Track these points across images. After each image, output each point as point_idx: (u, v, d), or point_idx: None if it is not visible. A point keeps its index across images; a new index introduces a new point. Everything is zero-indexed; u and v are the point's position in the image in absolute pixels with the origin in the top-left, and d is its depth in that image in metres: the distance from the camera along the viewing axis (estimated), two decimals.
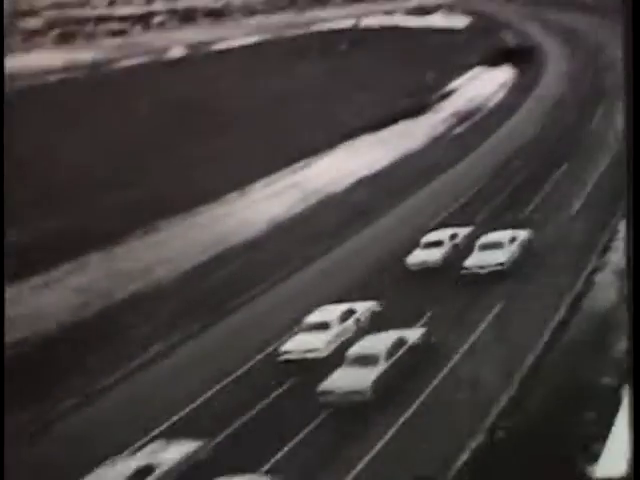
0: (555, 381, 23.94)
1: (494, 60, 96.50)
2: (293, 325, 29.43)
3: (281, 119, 62.64)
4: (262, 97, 71.92)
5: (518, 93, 75.86)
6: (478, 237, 34.12)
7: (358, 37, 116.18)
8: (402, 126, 62.14)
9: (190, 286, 36.14)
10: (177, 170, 51.03)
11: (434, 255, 33.73)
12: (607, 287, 30.54)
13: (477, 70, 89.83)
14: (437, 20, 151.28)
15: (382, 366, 23.84)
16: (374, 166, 51.38)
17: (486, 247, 32.47)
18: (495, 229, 35.29)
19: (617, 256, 33.53)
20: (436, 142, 58.32)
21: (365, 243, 39.55)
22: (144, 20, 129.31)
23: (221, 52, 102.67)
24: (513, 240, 33.10)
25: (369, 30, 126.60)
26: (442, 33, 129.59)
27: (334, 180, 48.50)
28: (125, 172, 51.72)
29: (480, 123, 64.03)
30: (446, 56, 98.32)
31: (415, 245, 35.18)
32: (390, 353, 24.31)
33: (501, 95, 76.39)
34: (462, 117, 66.20)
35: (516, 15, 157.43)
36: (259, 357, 28.50)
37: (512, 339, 26.61)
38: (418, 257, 34.02)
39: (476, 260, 32.07)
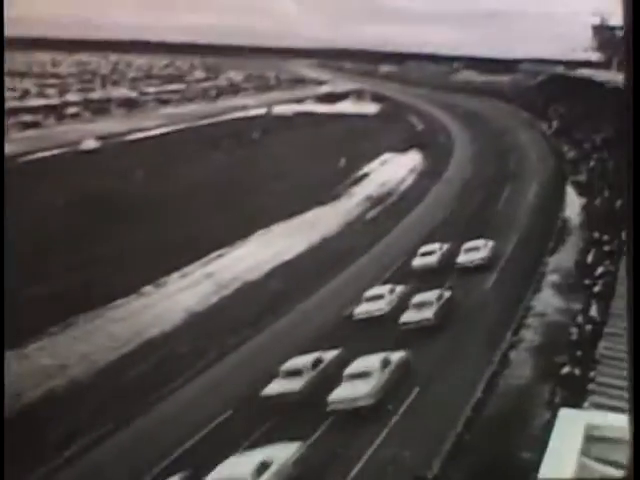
0: (475, 458, 24.24)
1: (404, 144, 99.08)
2: (213, 417, 29.29)
3: (195, 209, 62.79)
4: (176, 187, 72.06)
5: (428, 176, 77.86)
6: None
7: (270, 125, 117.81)
8: (316, 212, 62.98)
9: (109, 381, 35.56)
10: (92, 263, 50.54)
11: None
12: (522, 364, 31.23)
13: (388, 155, 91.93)
14: (347, 107, 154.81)
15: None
16: (289, 253, 51.86)
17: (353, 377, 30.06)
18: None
19: (530, 333, 34.39)
20: (350, 227, 59.17)
21: (284, 331, 39.66)
22: (57, 112, 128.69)
23: (135, 142, 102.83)
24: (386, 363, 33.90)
25: (281, 117, 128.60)
26: (353, 119, 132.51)
27: (250, 269, 48.68)
28: (40, 267, 50.92)
29: (392, 207, 65.31)
30: (357, 142, 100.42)
31: (336, 329, 36.06)
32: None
33: (412, 179, 78.22)
34: (375, 202, 67.46)
35: (424, 100, 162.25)
36: (180, 450, 28.22)
37: (430, 419, 26.99)
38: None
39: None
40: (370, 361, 30.41)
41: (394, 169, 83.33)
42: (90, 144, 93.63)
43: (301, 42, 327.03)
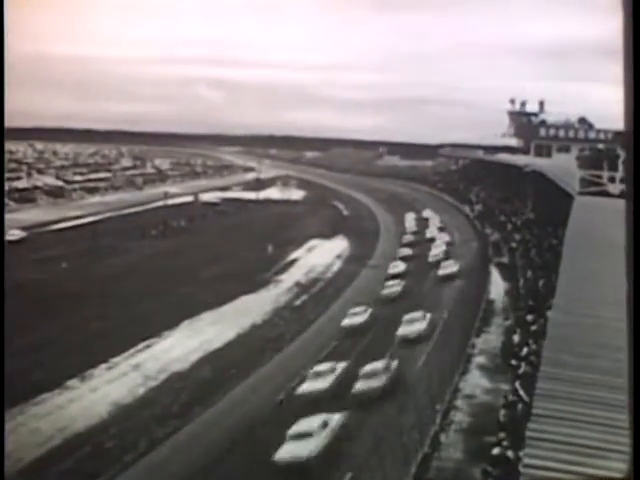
0: None
1: (330, 230, 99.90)
2: None
3: (121, 299, 61.86)
4: (102, 276, 71.17)
5: (354, 262, 78.40)
6: None
7: (198, 212, 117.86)
8: (245, 300, 62.73)
9: (33, 479, 34.33)
10: (16, 357, 49.12)
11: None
12: (453, 446, 31.13)
13: (315, 241, 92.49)
14: (274, 193, 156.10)
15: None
16: (218, 342, 51.36)
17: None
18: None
19: (460, 415, 34.39)
20: (279, 314, 59.06)
21: (213, 420, 38.95)
22: None
23: (61, 232, 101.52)
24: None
25: (209, 204, 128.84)
26: (279, 205, 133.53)
27: (178, 359, 47.96)
28: None
29: (320, 294, 65.45)
30: (284, 228, 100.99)
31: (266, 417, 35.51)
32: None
33: (339, 265, 78.62)
34: (303, 288, 67.55)
35: (349, 186, 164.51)
36: None
37: None
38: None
39: None
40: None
41: (321, 255, 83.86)
42: (15, 234, 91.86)
43: (227, 129, 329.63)
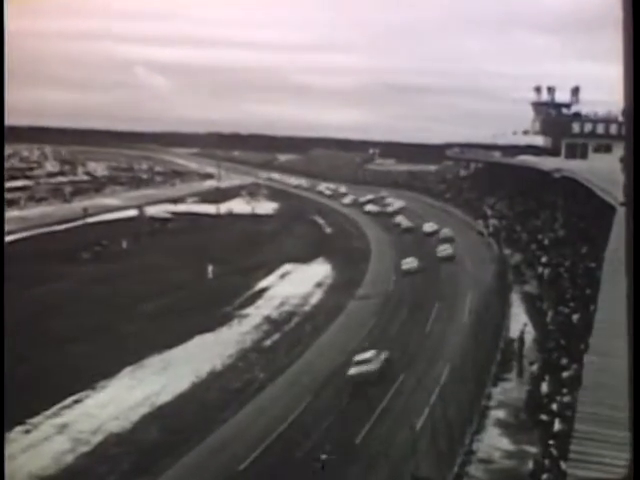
0: None
1: (309, 252, 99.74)
2: None
3: (45, 341, 61.19)
4: (20, 311, 70.18)
5: (339, 292, 78.19)
6: None
7: (143, 230, 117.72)
8: (200, 341, 62.43)
9: None
10: None
11: None
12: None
13: (289, 266, 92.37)
14: (238, 206, 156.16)
15: None
16: (167, 394, 50.94)
17: None
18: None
19: (483, 446, 34.57)
20: (244, 357, 58.78)
21: None
22: None
23: None
24: None
25: (157, 220, 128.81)
26: (245, 221, 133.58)
27: (116, 417, 47.51)
28: None
29: (296, 331, 65.20)
30: (251, 250, 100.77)
31: None
32: None
33: (319, 295, 78.47)
34: (274, 325, 67.28)
35: (332, 198, 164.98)
36: None
37: None
38: None
39: None
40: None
41: (297, 283, 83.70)
42: None
43: (179, 126, 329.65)
